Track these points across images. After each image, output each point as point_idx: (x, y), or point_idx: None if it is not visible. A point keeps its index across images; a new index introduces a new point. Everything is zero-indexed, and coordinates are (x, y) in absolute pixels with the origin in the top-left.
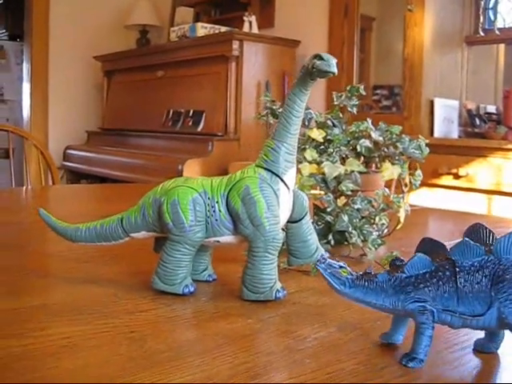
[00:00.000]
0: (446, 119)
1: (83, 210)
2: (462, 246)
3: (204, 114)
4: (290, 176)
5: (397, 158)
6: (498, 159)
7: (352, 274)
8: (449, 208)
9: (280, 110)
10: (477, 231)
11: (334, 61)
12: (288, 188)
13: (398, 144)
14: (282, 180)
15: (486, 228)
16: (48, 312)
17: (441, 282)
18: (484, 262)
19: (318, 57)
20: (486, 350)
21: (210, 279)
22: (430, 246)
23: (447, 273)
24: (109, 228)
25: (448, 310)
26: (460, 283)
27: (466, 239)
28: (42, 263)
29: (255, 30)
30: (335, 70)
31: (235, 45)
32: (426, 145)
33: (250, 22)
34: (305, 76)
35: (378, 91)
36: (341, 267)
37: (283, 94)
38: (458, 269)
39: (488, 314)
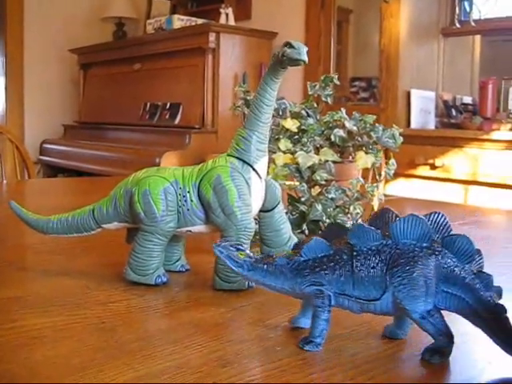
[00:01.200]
0: (422, 110)
1: (59, 204)
2: (359, 230)
3: (181, 107)
4: (262, 165)
5: (371, 147)
6: (473, 149)
7: (251, 257)
8: (425, 198)
9: None
10: (382, 216)
11: (304, 49)
12: (260, 177)
13: (372, 133)
14: (254, 169)
15: (393, 212)
16: (21, 304)
17: (337, 266)
18: (381, 246)
19: (289, 45)
20: (395, 337)
21: (183, 269)
22: (334, 231)
23: (344, 257)
24: (80, 219)
25: (344, 294)
26: (356, 267)
27: (361, 223)
28: (16, 256)
29: (232, 22)
30: (305, 57)
31: (212, 37)
32: (400, 134)
33: (227, 14)
34: (275, 64)
35: (356, 83)
36: (238, 250)
37: None
38: (355, 253)
39: (383, 299)
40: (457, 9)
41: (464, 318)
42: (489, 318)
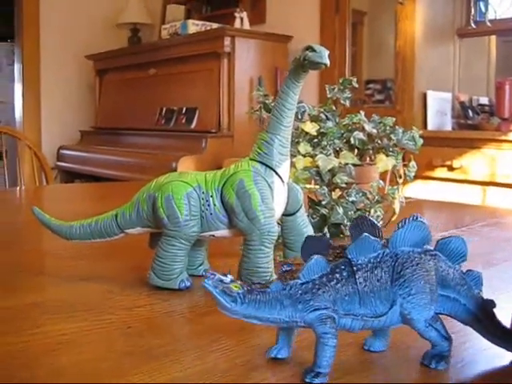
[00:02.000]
0: (439, 112)
1: (78, 209)
2: (359, 242)
3: (197, 111)
4: (284, 169)
5: (391, 149)
6: (491, 150)
7: (243, 288)
8: (444, 200)
9: (273, 103)
10: (361, 224)
11: (325, 52)
12: (282, 181)
13: (392, 135)
14: (276, 173)
15: (370, 221)
16: (44, 309)
17: (339, 285)
18: (381, 257)
19: (310, 48)
20: (377, 350)
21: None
22: (314, 245)
23: (344, 273)
24: (103, 224)
25: (349, 313)
26: (360, 283)
27: (366, 235)
28: (38, 261)
29: (247, 26)
30: (327, 61)
31: (227, 41)
32: (420, 136)
33: (242, 18)
34: (297, 68)
35: (371, 85)
36: (231, 281)
37: (276, 89)
38: (355, 267)
39: (390, 313)
40: (472, 9)
41: (456, 319)
42: (481, 316)
